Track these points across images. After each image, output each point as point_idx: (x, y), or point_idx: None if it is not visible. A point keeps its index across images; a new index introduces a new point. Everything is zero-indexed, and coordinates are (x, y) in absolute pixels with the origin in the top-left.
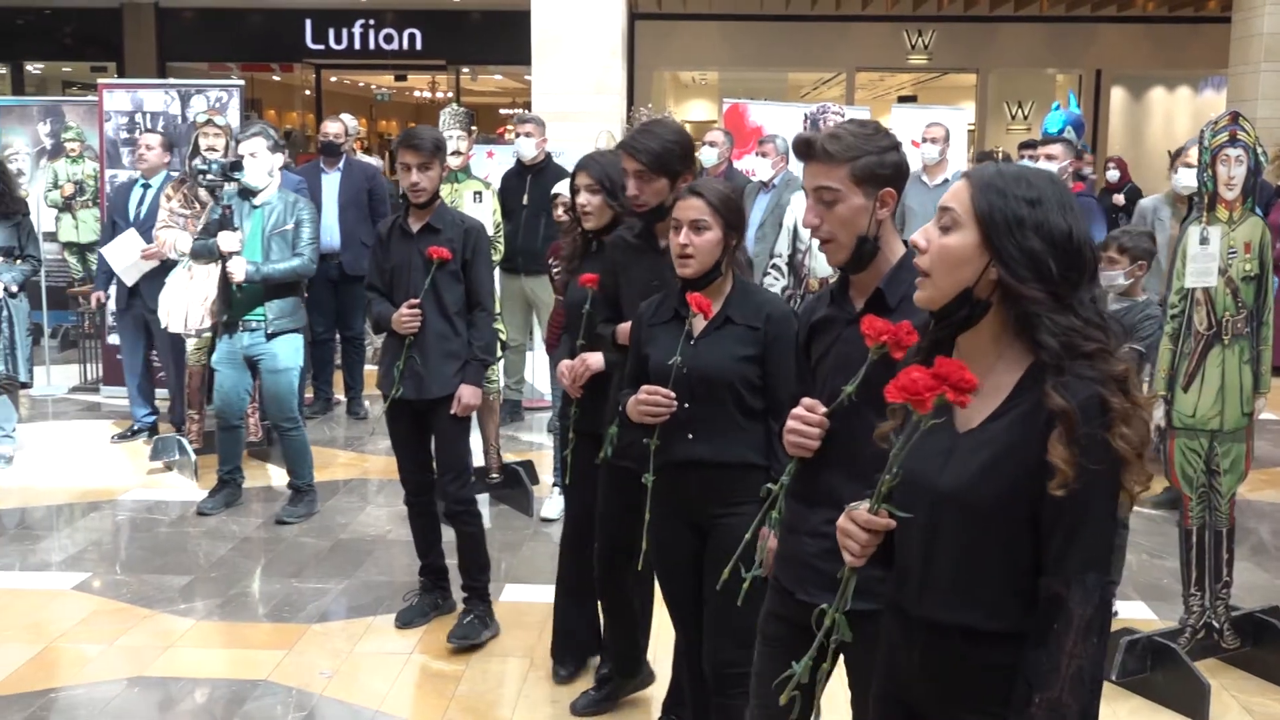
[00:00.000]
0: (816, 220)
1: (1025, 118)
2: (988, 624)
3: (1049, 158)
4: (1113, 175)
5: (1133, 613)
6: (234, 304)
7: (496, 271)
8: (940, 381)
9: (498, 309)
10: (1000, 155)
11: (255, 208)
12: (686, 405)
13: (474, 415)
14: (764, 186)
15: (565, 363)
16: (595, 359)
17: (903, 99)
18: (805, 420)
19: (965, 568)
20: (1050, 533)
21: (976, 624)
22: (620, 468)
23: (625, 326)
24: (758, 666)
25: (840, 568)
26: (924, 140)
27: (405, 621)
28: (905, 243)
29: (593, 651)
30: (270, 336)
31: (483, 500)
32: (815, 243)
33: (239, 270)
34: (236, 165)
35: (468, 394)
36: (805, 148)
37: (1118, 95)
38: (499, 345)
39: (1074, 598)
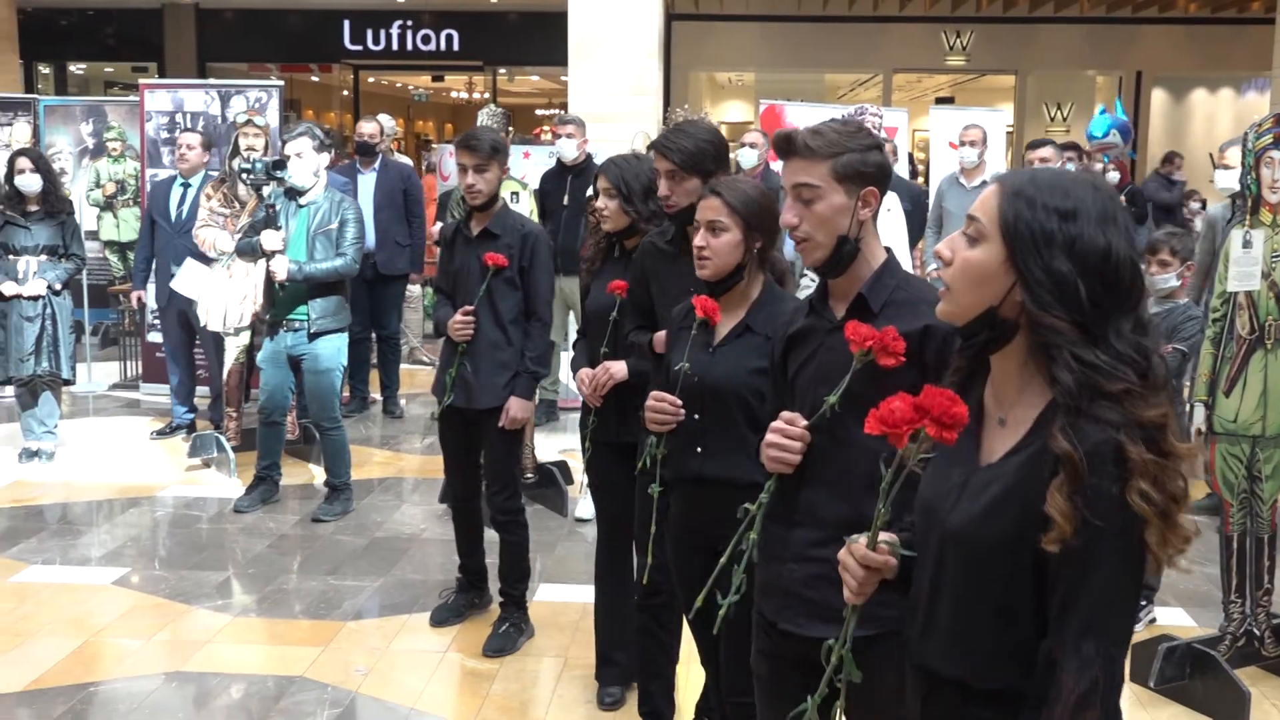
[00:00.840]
0: (795, 219)
1: (1065, 119)
2: (982, 681)
3: (1043, 160)
4: (1113, 177)
5: (1172, 619)
6: (277, 303)
7: None
8: (921, 414)
9: None
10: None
11: (301, 207)
12: (697, 417)
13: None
14: None
15: (585, 370)
16: (619, 368)
17: (940, 100)
18: (786, 434)
19: (963, 617)
20: (1052, 590)
21: (970, 680)
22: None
23: (662, 335)
24: (759, 708)
25: (826, 594)
26: (961, 143)
27: (439, 620)
28: (888, 249)
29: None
30: (313, 336)
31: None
32: None
33: (281, 269)
34: (280, 164)
35: (516, 407)
36: (785, 144)
37: (1159, 97)
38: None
39: (1067, 667)
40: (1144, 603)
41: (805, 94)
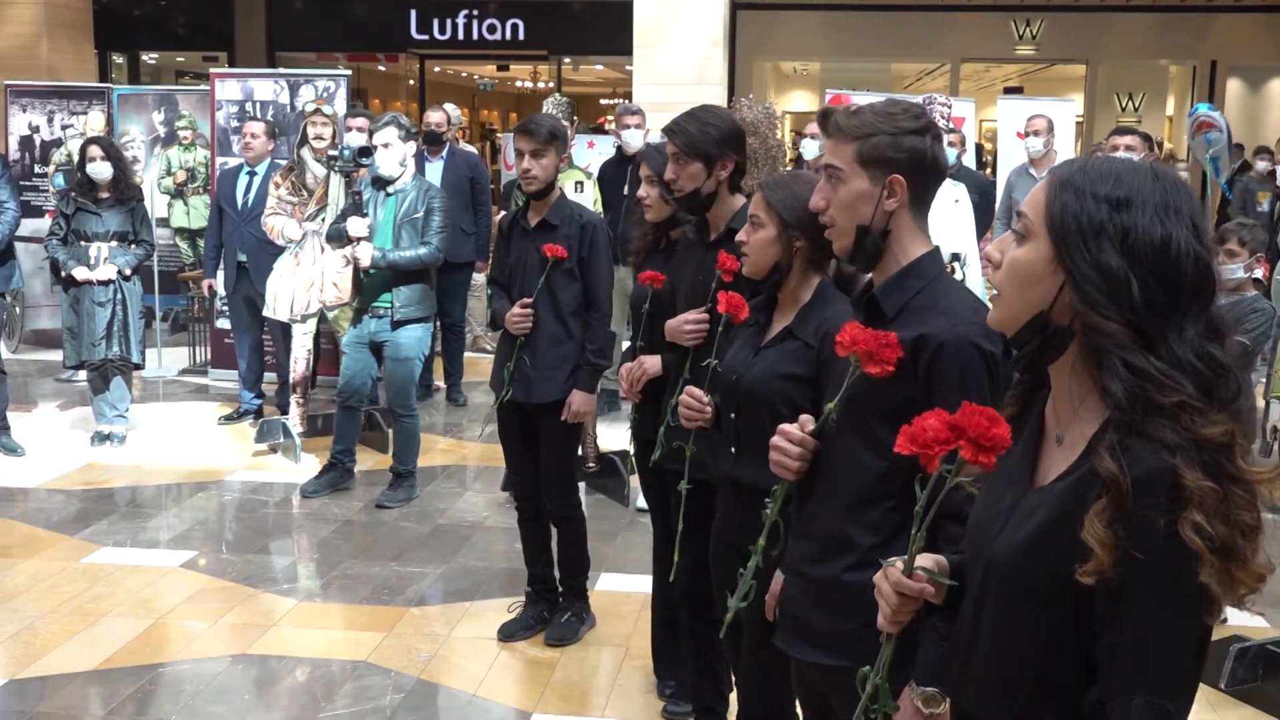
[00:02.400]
0: (822, 203)
1: (1136, 109)
2: None
3: (1128, 149)
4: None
5: (1244, 620)
6: (363, 290)
7: None
8: (956, 434)
9: None
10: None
11: (389, 195)
12: (733, 416)
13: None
14: None
15: (626, 366)
16: (652, 363)
17: (1009, 90)
18: (788, 437)
19: (1002, 655)
20: (1099, 632)
21: None
22: (678, 476)
23: (672, 322)
24: None
25: (808, 614)
26: (1027, 132)
27: (508, 634)
28: (937, 247)
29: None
30: (396, 324)
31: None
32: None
33: (365, 255)
34: (366, 151)
35: (579, 400)
36: (821, 120)
37: (1234, 87)
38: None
39: None
40: None
41: (871, 84)
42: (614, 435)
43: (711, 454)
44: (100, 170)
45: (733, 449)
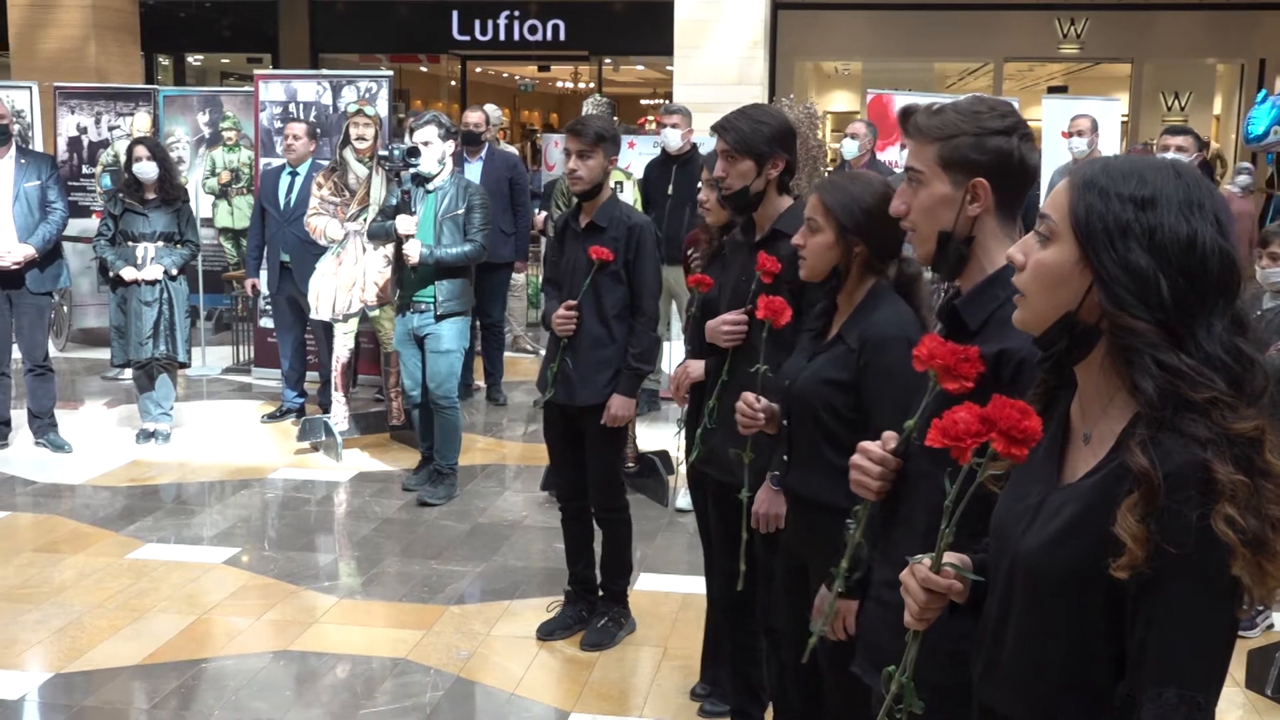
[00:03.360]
0: (903, 207)
1: (1182, 109)
2: None
3: (1180, 149)
4: None
5: None
6: (406, 284)
7: None
8: (987, 427)
9: None
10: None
11: (429, 193)
12: (786, 422)
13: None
14: None
15: (678, 368)
16: (696, 366)
17: (1053, 90)
18: (868, 455)
19: (1030, 651)
20: (1130, 627)
21: None
22: (719, 483)
23: (710, 324)
24: None
25: (884, 638)
26: (1070, 132)
27: (547, 633)
28: None
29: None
30: (439, 318)
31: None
32: None
33: (414, 252)
34: (414, 151)
35: (617, 405)
36: (901, 120)
37: None
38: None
39: (1146, 717)
40: (1261, 608)
41: (913, 83)
42: (653, 435)
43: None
44: (146, 170)
45: (785, 456)
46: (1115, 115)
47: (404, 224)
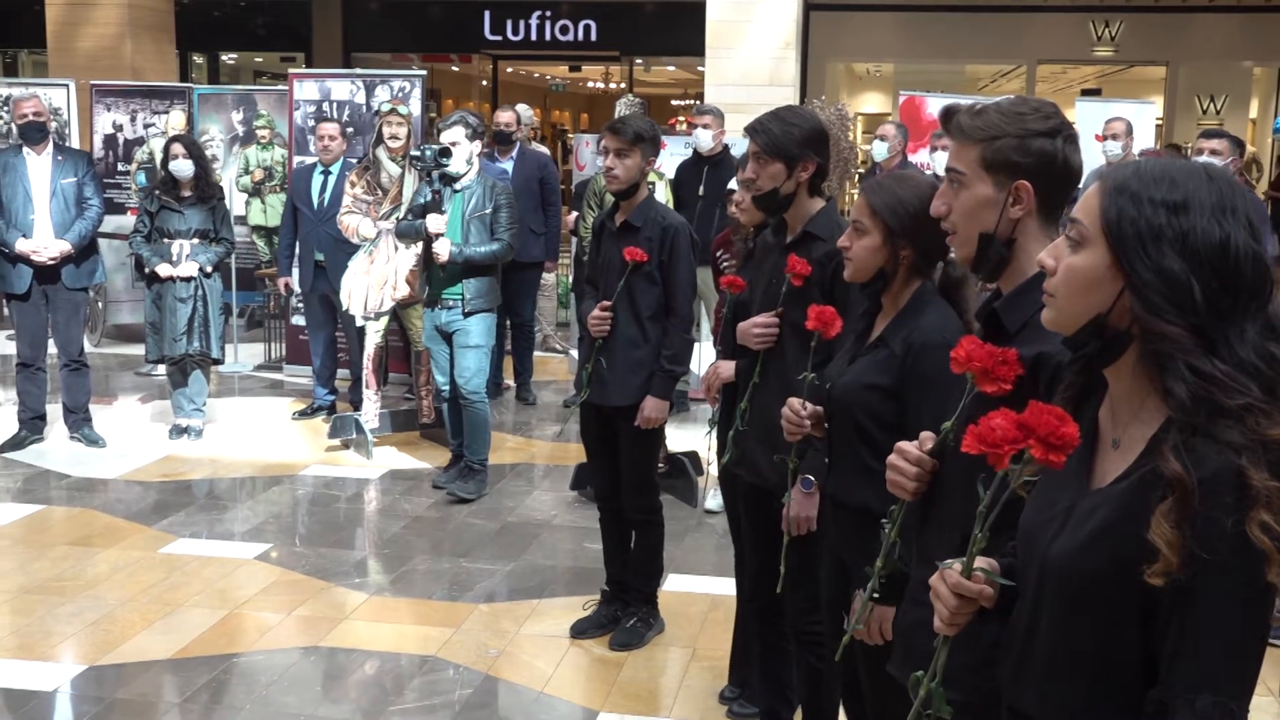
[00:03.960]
0: (944, 209)
1: (1218, 112)
2: None
3: (1214, 153)
4: None
5: None
6: (434, 281)
7: None
8: (1025, 433)
9: None
10: (1188, 151)
11: (456, 192)
12: (827, 425)
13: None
14: (939, 180)
15: (708, 369)
16: (726, 367)
17: (1086, 92)
18: (905, 456)
19: (1060, 657)
20: (1162, 633)
21: None
22: (750, 485)
23: (741, 326)
24: None
25: (924, 642)
26: (1105, 136)
27: (580, 631)
28: None
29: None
30: (467, 314)
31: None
32: None
33: (443, 250)
34: (446, 152)
35: (650, 407)
36: (944, 121)
37: None
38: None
39: None
40: None
41: (945, 85)
42: (683, 436)
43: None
44: (183, 168)
45: (827, 460)
46: (1150, 118)
47: (434, 223)
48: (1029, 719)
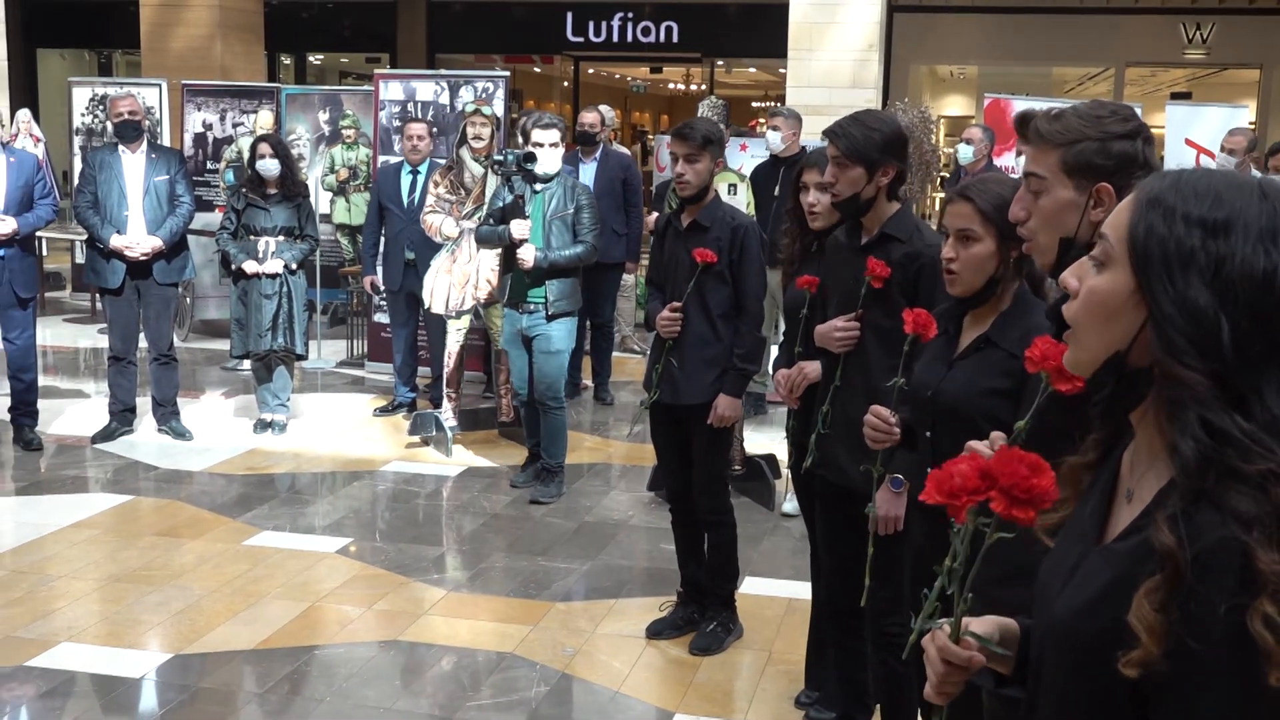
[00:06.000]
0: (1022, 214)
1: None
2: None
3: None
4: None
5: None
6: (516, 284)
7: None
8: (988, 483)
9: None
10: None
11: (536, 193)
12: (929, 435)
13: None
14: None
15: (782, 371)
16: (813, 368)
17: (1176, 96)
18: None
19: None
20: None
21: None
22: (828, 484)
23: (820, 328)
24: None
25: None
26: (1222, 150)
27: (655, 632)
28: None
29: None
30: (550, 318)
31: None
32: None
33: (529, 257)
34: (531, 157)
35: (724, 405)
36: (1020, 126)
37: None
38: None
39: None
40: None
41: (1031, 88)
42: (760, 439)
43: (914, 474)
44: (269, 167)
45: (929, 470)
46: (1241, 124)
47: (518, 228)
48: None
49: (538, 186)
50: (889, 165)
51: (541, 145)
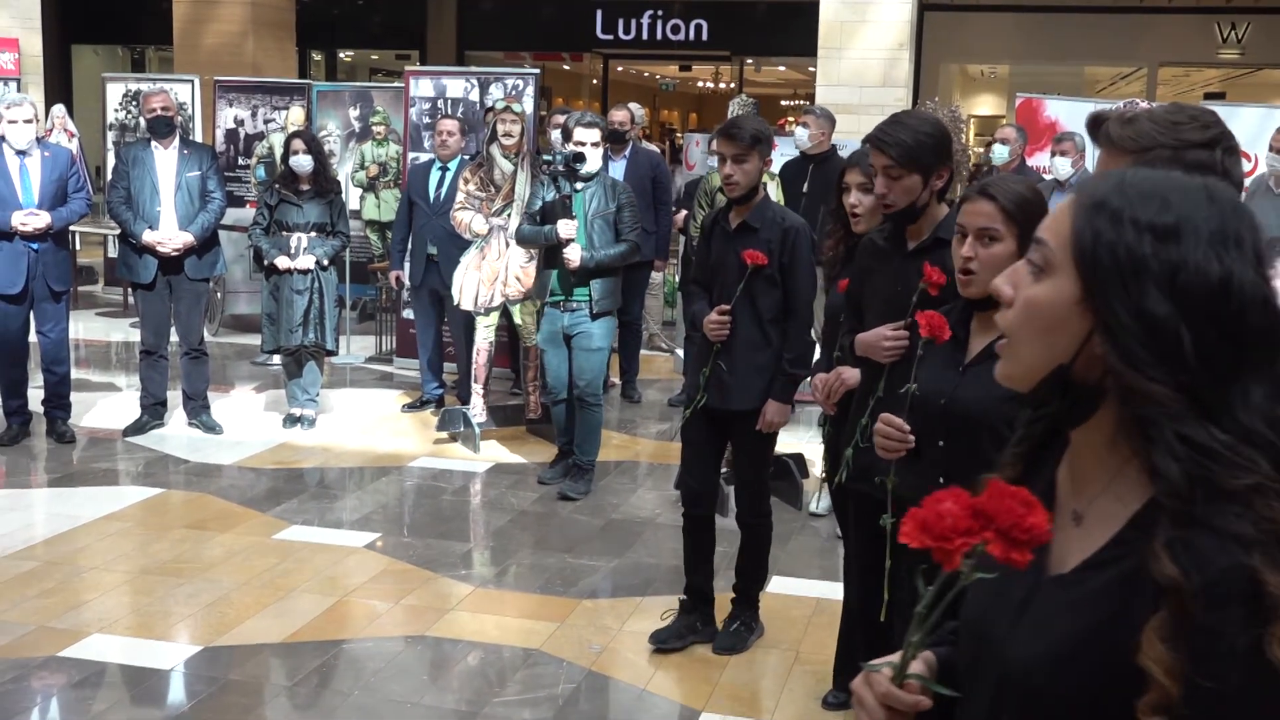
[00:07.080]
0: None
1: None
2: None
3: None
4: None
5: None
6: (562, 284)
7: None
8: (983, 523)
9: None
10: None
11: (576, 192)
12: (942, 444)
13: None
14: (1059, 186)
15: (820, 376)
16: (851, 374)
17: (1210, 96)
18: None
19: None
20: None
21: None
22: (862, 494)
23: (865, 336)
24: None
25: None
26: (1271, 149)
27: (660, 640)
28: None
29: None
30: (594, 316)
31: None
32: None
33: (575, 256)
34: (580, 157)
35: (773, 411)
36: (1092, 128)
37: None
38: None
39: None
40: None
41: (1062, 88)
42: (788, 438)
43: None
44: (302, 163)
45: (942, 479)
46: (1273, 124)
47: (564, 228)
48: None
49: (578, 185)
50: (943, 169)
51: (584, 144)
